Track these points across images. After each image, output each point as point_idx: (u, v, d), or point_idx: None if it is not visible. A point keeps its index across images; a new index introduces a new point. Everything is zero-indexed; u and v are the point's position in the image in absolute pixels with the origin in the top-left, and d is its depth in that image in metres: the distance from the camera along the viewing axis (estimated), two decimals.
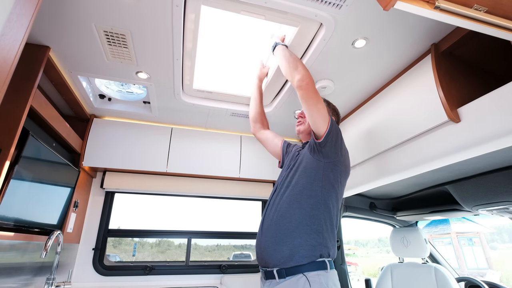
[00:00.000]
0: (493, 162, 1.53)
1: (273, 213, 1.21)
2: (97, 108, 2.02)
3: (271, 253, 1.13)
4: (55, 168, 1.67)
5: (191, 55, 1.50)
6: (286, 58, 1.28)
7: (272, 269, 1.12)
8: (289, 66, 1.25)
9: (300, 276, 1.06)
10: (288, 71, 1.26)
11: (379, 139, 1.66)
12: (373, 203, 2.51)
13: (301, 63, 1.26)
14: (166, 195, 2.44)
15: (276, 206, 1.22)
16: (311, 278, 1.05)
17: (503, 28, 0.78)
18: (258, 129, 1.70)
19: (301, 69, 1.23)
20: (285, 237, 1.12)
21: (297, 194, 1.19)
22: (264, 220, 1.25)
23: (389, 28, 1.27)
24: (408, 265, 2.24)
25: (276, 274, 1.10)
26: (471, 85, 1.36)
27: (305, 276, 1.05)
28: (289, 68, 1.25)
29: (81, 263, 2.08)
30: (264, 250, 1.16)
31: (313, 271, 1.06)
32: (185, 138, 2.30)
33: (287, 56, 1.29)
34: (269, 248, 1.14)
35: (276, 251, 1.11)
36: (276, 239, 1.13)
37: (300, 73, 1.21)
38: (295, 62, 1.26)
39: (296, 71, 1.22)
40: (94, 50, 1.45)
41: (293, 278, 1.06)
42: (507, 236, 13.27)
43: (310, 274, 1.06)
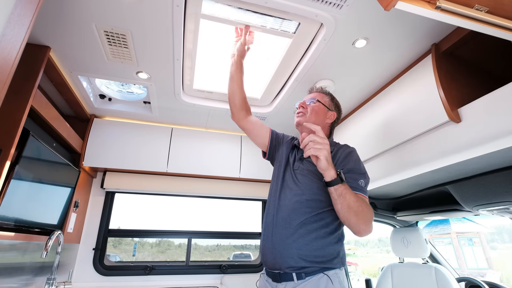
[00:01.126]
0: (493, 162, 1.52)
1: (295, 221, 1.14)
2: (97, 108, 2.02)
3: (290, 261, 1.10)
4: (56, 168, 1.66)
5: (191, 55, 1.50)
6: (358, 207, 1.03)
7: (291, 272, 1.10)
8: (358, 221, 1.03)
9: (321, 276, 1.07)
10: (354, 225, 1.04)
11: (379, 139, 1.66)
12: (373, 203, 2.51)
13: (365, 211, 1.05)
14: (166, 195, 2.44)
15: (297, 213, 1.16)
16: (332, 277, 1.07)
17: (504, 28, 0.78)
18: (243, 116, 1.44)
19: (368, 221, 1.05)
20: (311, 250, 1.10)
21: (325, 211, 1.14)
22: (278, 223, 1.18)
23: (389, 28, 1.26)
24: (409, 265, 2.24)
25: (295, 276, 1.09)
26: (472, 85, 1.36)
27: (326, 275, 1.07)
28: (357, 223, 1.04)
29: (82, 263, 2.08)
30: (281, 256, 1.12)
31: (332, 269, 1.09)
32: (185, 138, 2.30)
33: (358, 204, 1.03)
34: (288, 255, 1.11)
35: (298, 258, 1.09)
36: (300, 251, 1.10)
37: (366, 231, 1.05)
38: (364, 214, 1.04)
39: (364, 226, 1.04)
40: (95, 50, 1.45)
41: (314, 278, 1.07)
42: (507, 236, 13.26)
43: (330, 273, 1.08)
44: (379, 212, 2.50)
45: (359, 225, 1.03)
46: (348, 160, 1.19)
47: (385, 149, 1.62)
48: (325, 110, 1.34)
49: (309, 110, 1.32)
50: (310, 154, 1.04)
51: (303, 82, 1.68)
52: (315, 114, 1.32)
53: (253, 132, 1.47)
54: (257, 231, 2.62)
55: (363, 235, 1.07)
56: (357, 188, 1.11)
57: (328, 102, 1.36)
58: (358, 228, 1.04)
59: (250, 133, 1.48)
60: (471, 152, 1.17)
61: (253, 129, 1.46)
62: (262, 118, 2.13)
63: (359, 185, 1.12)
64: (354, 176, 1.14)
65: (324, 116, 1.34)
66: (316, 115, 1.32)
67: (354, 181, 1.12)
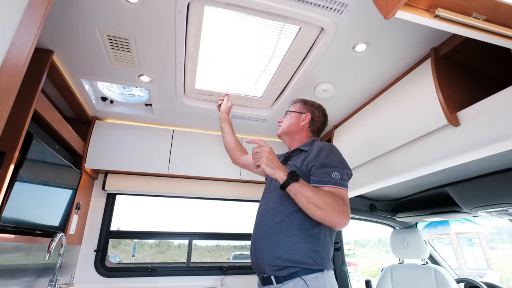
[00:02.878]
0: (492, 165, 1.54)
1: (270, 223, 1.18)
2: (99, 111, 2.04)
3: (267, 260, 1.12)
4: (58, 171, 1.68)
5: (193, 58, 1.52)
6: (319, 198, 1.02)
7: (270, 275, 1.12)
8: (324, 212, 1.01)
9: (297, 280, 1.06)
10: (324, 217, 1.02)
11: (379, 141, 1.68)
12: (373, 205, 2.52)
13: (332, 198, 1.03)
14: (167, 197, 2.45)
15: (272, 215, 1.19)
16: (309, 282, 1.05)
17: (501, 36, 0.80)
18: (239, 156, 1.72)
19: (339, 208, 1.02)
20: (284, 250, 1.11)
21: (298, 210, 1.13)
22: (259, 227, 1.23)
23: (389, 32, 1.28)
24: (408, 266, 2.26)
25: (274, 280, 1.11)
26: (470, 89, 1.37)
27: (303, 280, 1.06)
28: (324, 214, 1.01)
29: (83, 264, 2.09)
30: (260, 258, 1.15)
31: (310, 274, 1.07)
32: (186, 140, 2.31)
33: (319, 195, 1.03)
34: (265, 255, 1.13)
35: (273, 258, 1.11)
36: (274, 251, 1.12)
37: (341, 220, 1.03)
38: (329, 202, 1.02)
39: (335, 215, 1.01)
40: (97, 54, 1.46)
41: (291, 282, 1.07)
42: (507, 236, 13.28)
43: (307, 277, 1.06)
44: (379, 214, 2.51)
45: (328, 218, 1.02)
46: (319, 155, 1.19)
47: (385, 151, 1.64)
48: (297, 115, 1.45)
49: (283, 121, 1.49)
50: (256, 165, 1.15)
51: (304, 85, 1.69)
52: (288, 121, 1.45)
53: (250, 167, 1.68)
54: None
55: (339, 226, 1.05)
56: (329, 181, 1.10)
57: (298, 107, 1.47)
58: (330, 221, 1.03)
59: (249, 168, 1.70)
60: (470, 155, 1.19)
61: (249, 164, 1.67)
62: (263, 120, 2.15)
63: (332, 178, 1.11)
64: (325, 170, 1.13)
65: (298, 121, 1.43)
66: (289, 122, 1.44)
67: (326, 175, 1.12)
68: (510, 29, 0.79)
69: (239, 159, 1.72)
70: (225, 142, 1.77)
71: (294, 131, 1.43)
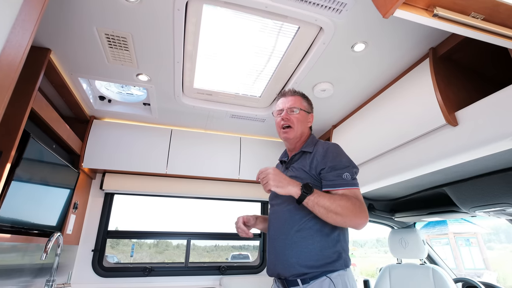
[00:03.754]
0: (489, 165, 1.54)
1: (290, 232, 1.18)
2: (97, 110, 2.03)
3: (293, 270, 1.14)
4: (55, 170, 1.67)
5: (191, 57, 1.51)
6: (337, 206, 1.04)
7: (295, 277, 1.14)
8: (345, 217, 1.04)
9: (324, 279, 1.10)
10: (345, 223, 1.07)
11: (377, 141, 1.68)
12: (371, 205, 2.52)
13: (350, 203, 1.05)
14: (165, 197, 2.45)
15: (290, 224, 1.20)
16: (334, 279, 1.10)
17: (499, 35, 0.80)
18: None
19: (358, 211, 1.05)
20: (309, 257, 1.13)
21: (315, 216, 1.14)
22: (277, 236, 1.23)
23: (388, 32, 1.28)
24: (406, 266, 2.26)
25: (300, 282, 1.14)
26: (468, 89, 1.38)
27: (329, 278, 1.10)
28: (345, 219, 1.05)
29: (81, 264, 2.08)
30: (285, 268, 1.17)
31: (335, 271, 1.11)
32: (185, 140, 2.31)
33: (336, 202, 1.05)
34: (290, 265, 1.15)
35: (300, 267, 1.13)
36: (300, 260, 1.14)
37: (361, 222, 1.05)
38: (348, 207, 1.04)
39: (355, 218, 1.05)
40: (95, 52, 1.45)
41: (318, 281, 1.11)
42: (504, 236, 13.35)
43: (332, 275, 1.10)
44: (377, 213, 2.51)
45: (349, 222, 1.05)
46: (327, 157, 1.18)
47: (383, 151, 1.64)
48: (306, 115, 1.34)
49: (294, 121, 1.29)
50: (266, 190, 1.11)
51: (303, 85, 1.69)
52: (301, 124, 1.30)
53: None
54: (256, 232, 2.63)
55: (361, 227, 1.08)
56: (341, 184, 1.12)
57: (306, 106, 1.35)
58: (351, 224, 1.06)
59: None
60: (468, 155, 1.19)
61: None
62: (261, 120, 2.14)
63: (344, 179, 1.12)
64: (336, 173, 1.14)
65: (306, 122, 1.34)
66: (302, 124, 1.31)
67: (338, 177, 1.13)
68: (509, 29, 0.79)
69: None
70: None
71: (304, 133, 1.34)
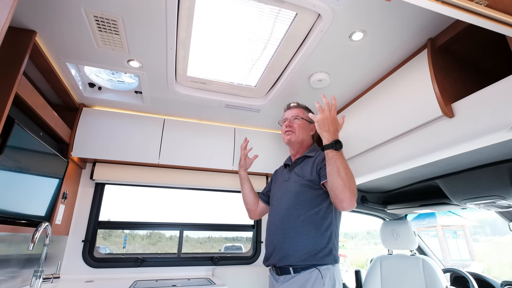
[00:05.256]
0: (482, 158, 1.55)
1: (285, 225, 1.33)
2: (86, 97, 1.96)
3: (289, 260, 1.28)
4: (43, 159, 1.61)
5: (185, 44, 1.46)
6: (346, 175, 1.14)
7: (288, 266, 1.28)
8: (344, 187, 1.13)
9: (313, 270, 1.23)
10: (340, 190, 1.14)
11: (373, 133, 1.67)
12: (364, 197, 2.54)
13: (354, 183, 1.16)
14: (158, 187, 2.41)
15: (288, 219, 1.34)
16: (323, 271, 1.23)
17: (502, 23, 0.78)
18: (256, 210, 1.74)
19: (354, 193, 1.14)
20: (302, 248, 1.27)
21: (312, 214, 1.31)
22: (275, 231, 1.38)
23: (387, 21, 1.26)
24: (397, 257, 2.29)
25: (292, 270, 1.27)
26: (465, 81, 1.37)
27: (318, 270, 1.23)
28: (343, 189, 1.13)
29: (71, 255, 2.05)
30: (282, 257, 1.30)
31: (324, 265, 1.24)
32: (178, 130, 2.26)
33: (347, 172, 1.15)
34: (288, 256, 1.28)
35: (295, 258, 1.26)
36: (294, 251, 1.28)
37: (351, 201, 1.13)
38: (351, 183, 1.14)
39: (350, 194, 1.13)
40: (84, 36, 1.39)
41: (307, 271, 1.24)
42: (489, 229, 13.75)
43: (322, 268, 1.23)
44: (370, 205, 2.53)
45: (345, 192, 1.13)
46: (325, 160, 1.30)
47: (379, 143, 1.63)
48: (308, 124, 1.57)
49: (296, 127, 1.53)
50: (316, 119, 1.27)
51: (299, 75, 1.66)
52: (302, 130, 1.54)
53: (263, 212, 1.75)
54: (249, 224, 2.63)
55: (347, 204, 1.14)
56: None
57: (308, 116, 1.54)
58: (343, 196, 1.13)
59: (263, 214, 1.76)
60: (463, 147, 1.19)
61: (262, 210, 1.74)
62: (256, 110, 2.11)
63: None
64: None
65: (308, 130, 1.57)
66: (303, 131, 1.54)
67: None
68: (510, 16, 0.77)
69: (256, 212, 1.74)
70: (245, 199, 1.75)
71: (306, 139, 1.55)
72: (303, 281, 1.23)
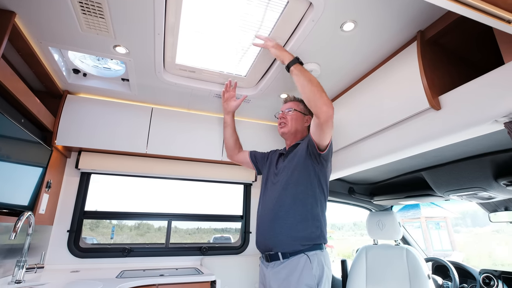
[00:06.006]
0: (467, 150, 1.59)
1: (276, 208, 1.36)
2: (71, 84, 1.90)
3: (276, 241, 1.31)
4: (25, 147, 1.56)
5: (173, 30, 1.42)
6: (313, 83, 1.25)
7: (277, 252, 1.31)
8: (314, 93, 1.23)
9: (301, 255, 1.27)
10: (313, 97, 1.24)
11: (363, 124, 1.68)
12: (352, 188, 2.58)
13: (324, 90, 1.25)
14: (145, 177, 2.38)
15: (278, 201, 1.38)
16: (311, 257, 1.26)
17: (489, 15, 0.78)
18: (236, 153, 1.85)
19: (327, 98, 1.23)
20: (290, 229, 1.30)
21: (300, 193, 1.35)
22: (265, 212, 1.42)
23: (378, 11, 1.25)
24: (382, 247, 2.35)
25: (281, 256, 1.30)
26: (452, 74, 1.39)
27: (306, 255, 1.26)
28: (314, 95, 1.23)
29: (55, 245, 2.01)
30: (269, 239, 1.34)
31: (312, 251, 1.28)
32: (166, 119, 2.22)
33: (313, 80, 1.26)
34: (274, 237, 1.32)
35: (282, 239, 1.30)
36: (282, 230, 1.31)
37: (327, 104, 1.21)
38: (320, 89, 1.24)
39: (323, 100, 1.22)
40: (67, 19, 1.33)
41: (296, 257, 1.27)
42: (470, 220, 14.31)
43: (310, 253, 1.27)
44: (357, 197, 2.58)
45: (322, 96, 1.22)
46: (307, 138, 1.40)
47: (367, 134, 1.65)
48: (302, 116, 1.60)
49: (289, 119, 1.58)
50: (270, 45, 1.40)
51: None
52: (295, 121, 1.57)
53: (243, 162, 1.85)
54: (237, 214, 2.64)
55: (327, 107, 1.21)
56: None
57: (303, 108, 1.60)
58: (320, 102, 1.21)
59: (242, 163, 1.88)
60: (449, 139, 1.21)
61: (243, 160, 1.84)
62: (246, 100, 2.09)
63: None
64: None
65: (302, 121, 1.60)
66: (296, 122, 1.57)
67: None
68: (499, 8, 0.78)
69: (235, 155, 1.85)
70: (226, 138, 1.84)
71: (299, 130, 1.58)
72: (292, 266, 1.26)
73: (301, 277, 1.22)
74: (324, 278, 1.25)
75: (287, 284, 1.24)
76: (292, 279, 1.23)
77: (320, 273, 1.25)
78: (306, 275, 1.22)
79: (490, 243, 12.08)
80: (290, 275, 1.25)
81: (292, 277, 1.24)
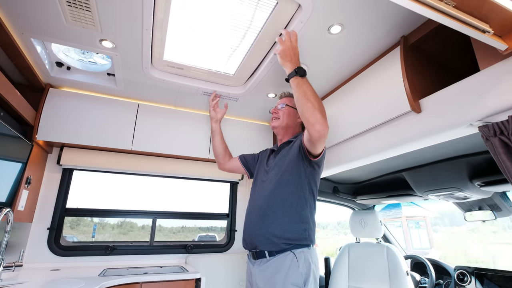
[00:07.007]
0: (444, 152, 1.67)
1: (264, 206, 1.35)
2: (53, 77, 1.84)
3: (262, 239, 1.30)
4: (3, 141, 1.51)
5: (162, 26, 1.41)
6: (308, 98, 1.18)
7: (263, 250, 1.30)
8: (308, 109, 1.16)
9: (288, 253, 1.25)
10: (306, 113, 1.17)
11: (347, 125, 1.73)
12: (336, 187, 2.64)
13: (321, 107, 1.18)
14: (130, 174, 2.35)
15: (266, 200, 1.36)
16: (297, 254, 1.25)
17: (466, 24, 0.83)
18: (227, 160, 1.85)
19: (321, 116, 1.16)
20: (277, 229, 1.28)
21: (289, 194, 1.33)
22: (254, 210, 1.40)
23: (364, 15, 1.29)
24: (364, 245, 2.42)
25: (267, 253, 1.29)
26: (433, 79, 1.45)
27: (293, 253, 1.25)
28: (307, 111, 1.17)
29: (35, 243, 1.95)
30: (255, 236, 1.33)
31: (299, 248, 1.26)
32: (152, 115, 2.20)
33: (309, 95, 1.18)
34: (260, 235, 1.31)
35: (269, 238, 1.28)
36: (268, 229, 1.29)
37: (320, 122, 1.15)
38: (316, 106, 1.16)
39: (315, 118, 1.15)
40: (51, 10, 1.29)
41: (282, 255, 1.26)
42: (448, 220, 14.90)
43: (296, 251, 1.25)
44: (341, 196, 2.64)
45: (315, 113, 1.15)
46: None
47: (351, 135, 1.70)
48: (295, 111, 1.57)
49: (281, 114, 1.57)
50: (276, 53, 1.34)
51: (278, 65, 1.66)
52: (287, 116, 1.56)
53: (234, 168, 1.82)
54: (223, 212, 2.64)
55: (319, 125, 1.15)
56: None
57: (295, 104, 1.54)
58: (315, 117, 1.15)
59: (233, 170, 1.85)
60: (428, 141, 1.26)
61: (234, 166, 1.82)
62: (234, 99, 2.10)
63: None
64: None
65: (295, 117, 1.58)
66: (288, 117, 1.56)
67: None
68: (474, 18, 0.82)
69: (226, 162, 1.84)
70: (216, 146, 1.85)
71: (291, 126, 1.57)
72: (278, 264, 1.25)
73: (288, 275, 1.21)
74: (311, 277, 1.23)
75: (273, 282, 1.22)
76: (278, 278, 1.22)
77: (307, 271, 1.23)
78: (292, 273, 1.21)
79: (466, 241, 12.64)
80: (276, 273, 1.23)
81: (278, 276, 1.22)
